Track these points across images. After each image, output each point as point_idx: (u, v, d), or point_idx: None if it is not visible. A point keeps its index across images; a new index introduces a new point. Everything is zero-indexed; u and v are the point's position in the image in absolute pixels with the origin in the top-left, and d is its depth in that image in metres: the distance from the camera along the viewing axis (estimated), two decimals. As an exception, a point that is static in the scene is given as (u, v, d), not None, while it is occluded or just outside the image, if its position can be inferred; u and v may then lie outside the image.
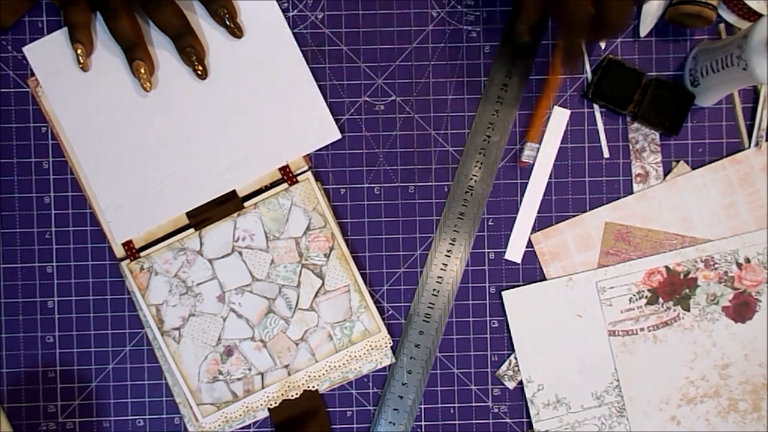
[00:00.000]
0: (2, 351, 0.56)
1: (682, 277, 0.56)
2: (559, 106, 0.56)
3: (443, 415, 0.57)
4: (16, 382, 0.56)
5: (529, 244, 0.57)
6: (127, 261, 0.55)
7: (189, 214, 0.55)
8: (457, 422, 0.57)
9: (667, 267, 0.56)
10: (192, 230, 0.55)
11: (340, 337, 0.56)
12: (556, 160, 0.57)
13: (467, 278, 0.57)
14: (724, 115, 0.57)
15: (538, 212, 0.57)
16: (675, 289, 0.56)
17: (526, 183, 0.57)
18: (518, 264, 0.57)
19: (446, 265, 0.56)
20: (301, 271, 0.55)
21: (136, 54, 0.53)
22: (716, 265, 0.56)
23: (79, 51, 0.53)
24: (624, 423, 0.56)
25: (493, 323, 0.57)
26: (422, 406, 0.57)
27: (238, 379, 0.55)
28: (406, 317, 0.56)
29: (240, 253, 0.55)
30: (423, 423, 0.57)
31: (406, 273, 0.57)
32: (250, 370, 0.55)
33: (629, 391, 0.56)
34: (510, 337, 0.57)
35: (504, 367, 0.57)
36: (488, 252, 0.57)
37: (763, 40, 0.47)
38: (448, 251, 0.56)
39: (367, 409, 0.57)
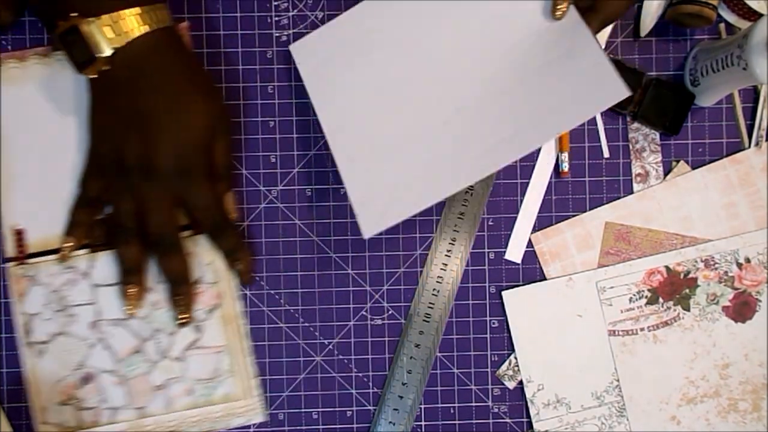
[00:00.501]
0: None
1: (682, 276, 0.56)
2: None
3: (443, 415, 0.57)
4: None
5: (529, 244, 0.57)
6: (13, 264, 0.54)
7: None
8: (457, 422, 0.57)
9: (667, 267, 0.56)
10: (87, 250, 0.55)
11: (201, 394, 0.55)
12: (556, 160, 0.57)
13: (467, 278, 0.57)
14: (724, 115, 0.57)
15: (538, 212, 0.57)
16: (675, 288, 0.56)
17: (527, 183, 0.57)
18: (518, 264, 0.57)
19: (446, 264, 0.56)
20: None
21: (181, 289, 0.54)
22: (716, 265, 0.56)
23: (131, 292, 0.53)
24: (624, 423, 0.56)
25: (493, 323, 0.57)
26: (422, 406, 0.57)
27: (88, 408, 0.55)
28: (406, 317, 0.56)
29: None
30: (423, 423, 0.57)
31: (406, 273, 0.57)
32: (102, 402, 0.55)
33: (629, 390, 0.56)
34: (510, 337, 0.57)
35: (504, 366, 0.57)
36: (488, 252, 0.57)
37: (763, 40, 0.47)
38: (448, 251, 0.56)
39: (367, 409, 0.57)
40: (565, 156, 0.56)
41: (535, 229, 0.57)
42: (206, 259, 0.55)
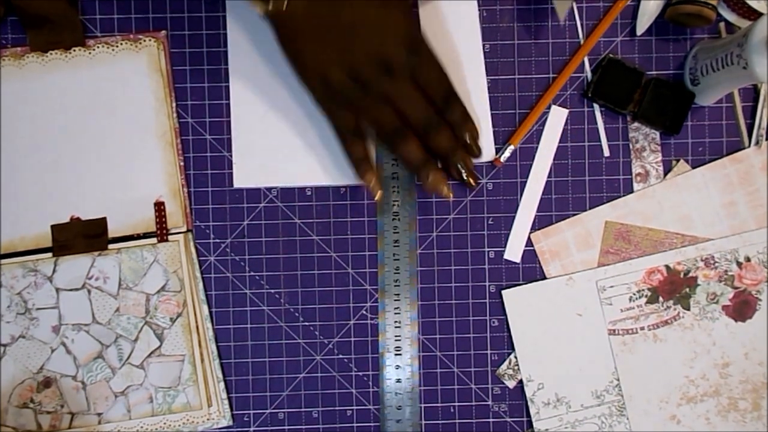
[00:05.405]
0: None
1: (682, 276, 0.56)
2: (558, 105, 0.56)
3: (443, 414, 0.57)
4: None
5: (529, 243, 0.57)
6: None
7: (55, 237, 0.55)
8: (457, 421, 0.57)
9: (667, 266, 0.56)
10: (50, 254, 0.55)
11: (161, 402, 0.55)
12: (555, 159, 0.57)
13: (467, 277, 0.57)
14: (724, 114, 0.57)
15: (538, 211, 0.57)
16: (675, 288, 0.56)
17: (525, 182, 0.57)
18: (518, 263, 0.57)
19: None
20: (142, 328, 0.55)
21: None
22: (716, 264, 0.56)
23: (372, 182, 0.53)
24: (624, 422, 0.56)
25: (493, 322, 0.57)
26: (422, 405, 0.57)
27: (48, 413, 0.55)
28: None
29: (89, 292, 0.55)
30: (423, 422, 0.57)
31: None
32: (62, 407, 0.55)
33: (629, 390, 0.56)
34: (510, 336, 0.57)
35: (504, 366, 0.57)
36: (488, 251, 0.57)
37: (763, 39, 0.47)
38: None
39: (367, 408, 0.57)
40: (510, 148, 0.55)
41: (534, 228, 0.57)
42: (171, 268, 0.55)
